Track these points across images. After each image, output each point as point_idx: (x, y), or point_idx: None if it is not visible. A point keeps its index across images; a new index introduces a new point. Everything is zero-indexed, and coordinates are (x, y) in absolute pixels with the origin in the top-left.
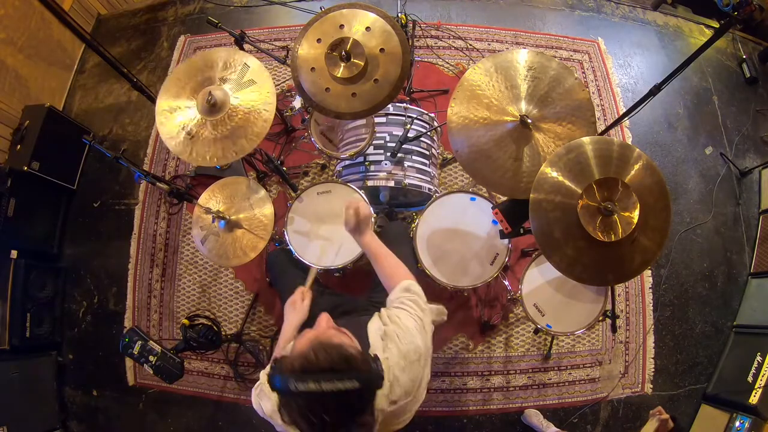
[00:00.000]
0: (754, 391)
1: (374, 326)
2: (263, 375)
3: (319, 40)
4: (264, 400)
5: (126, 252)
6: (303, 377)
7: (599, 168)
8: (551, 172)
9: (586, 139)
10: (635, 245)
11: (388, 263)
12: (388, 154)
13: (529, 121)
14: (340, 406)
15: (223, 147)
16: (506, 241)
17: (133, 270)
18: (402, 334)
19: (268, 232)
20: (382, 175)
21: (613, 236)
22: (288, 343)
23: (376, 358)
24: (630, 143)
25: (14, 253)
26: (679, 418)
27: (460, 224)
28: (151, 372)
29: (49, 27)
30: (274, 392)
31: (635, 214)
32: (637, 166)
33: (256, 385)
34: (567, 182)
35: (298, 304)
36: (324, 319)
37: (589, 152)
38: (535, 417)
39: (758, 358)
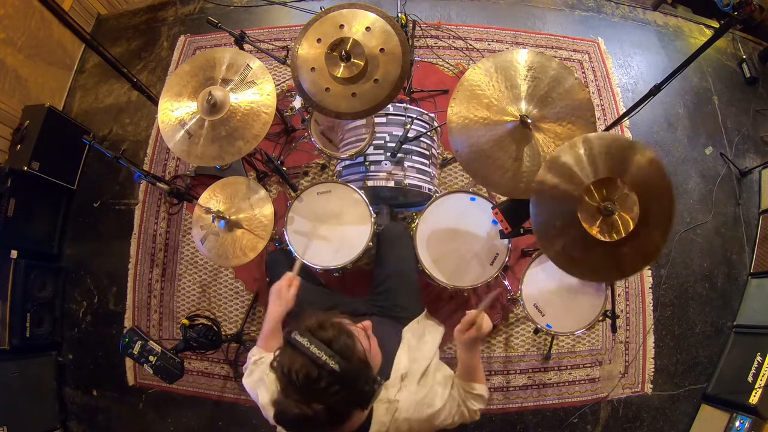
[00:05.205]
0: (754, 391)
1: (403, 359)
2: (254, 355)
3: (319, 40)
4: (261, 389)
5: (126, 252)
6: (304, 333)
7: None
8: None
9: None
10: (640, 239)
11: (479, 369)
12: (388, 154)
13: (529, 121)
14: (309, 376)
15: (222, 147)
16: (506, 241)
17: (133, 270)
18: (428, 393)
19: (268, 232)
20: (382, 175)
21: (615, 235)
22: (271, 334)
23: (376, 380)
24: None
25: (14, 253)
26: (679, 418)
27: (460, 224)
28: (151, 372)
29: (49, 27)
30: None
31: (635, 211)
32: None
33: (248, 366)
34: (575, 170)
35: (283, 292)
36: (366, 325)
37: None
38: None
39: (758, 358)
